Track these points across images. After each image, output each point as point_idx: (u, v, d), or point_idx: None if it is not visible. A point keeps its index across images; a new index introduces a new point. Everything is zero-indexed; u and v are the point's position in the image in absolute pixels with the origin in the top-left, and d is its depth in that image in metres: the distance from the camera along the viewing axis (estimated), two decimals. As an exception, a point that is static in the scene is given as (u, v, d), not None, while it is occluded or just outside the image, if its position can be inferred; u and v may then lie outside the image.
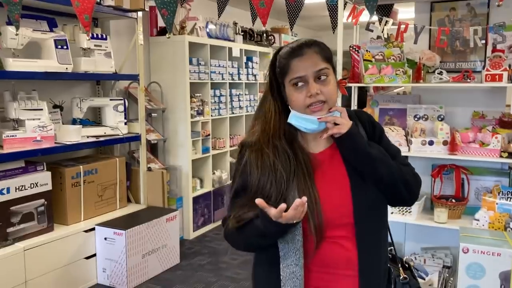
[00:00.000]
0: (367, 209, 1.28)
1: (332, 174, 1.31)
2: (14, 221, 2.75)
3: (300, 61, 1.27)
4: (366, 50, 2.81)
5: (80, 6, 1.15)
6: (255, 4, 0.94)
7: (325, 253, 1.27)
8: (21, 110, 2.86)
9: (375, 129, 1.40)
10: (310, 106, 1.26)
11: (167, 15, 1.08)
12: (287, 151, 1.30)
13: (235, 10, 5.61)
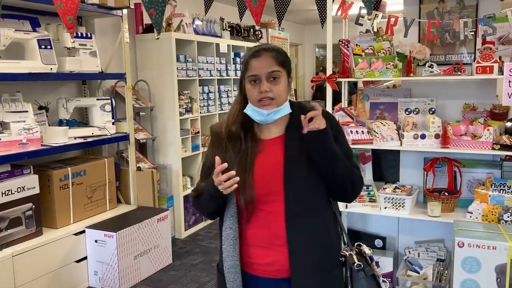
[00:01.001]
0: (297, 191, 1.48)
1: (271, 157, 1.53)
2: (1, 226, 2.69)
3: (256, 61, 1.49)
4: (356, 44, 2.79)
5: (63, 7, 1.10)
6: (248, 2, 0.90)
7: (258, 223, 1.51)
8: (5, 113, 2.79)
9: (332, 127, 1.56)
10: (260, 100, 1.49)
11: (155, 15, 1.04)
12: (239, 135, 1.55)
13: (222, 6, 5.55)
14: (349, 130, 2.67)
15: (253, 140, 1.56)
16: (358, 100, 2.99)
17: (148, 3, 1.04)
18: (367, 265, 1.54)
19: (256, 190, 1.48)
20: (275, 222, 1.49)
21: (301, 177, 1.49)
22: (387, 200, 2.66)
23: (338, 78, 2.67)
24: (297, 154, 1.50)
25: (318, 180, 1.51)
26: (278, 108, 1.50)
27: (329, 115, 1.59)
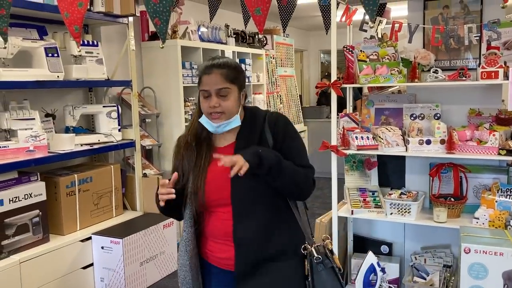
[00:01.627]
0: (244, 193, 1.60)
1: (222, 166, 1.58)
2: (9, 233, 2.71)
3: (207, 78, 1.59)
4: (360, 50, 2.79)
5: (69, 17, 1.12)
6: (251, 11, 0.91)
7: (211, 225, 1.66)
8: (13, 120, 2.82)
9: (278, 133, 1.67)
10: (210, 114, 1.60)
11: (160, 24, 1.06)
12: (193, 147, 1.67)
13: (227, 13, 5.58)
14: (354, 136, 2.67)
15: (208, 148, 1.68)
16: (363, 106, 2.99)
17: (153, 12, 1.06)
18: (326, 258, 1.66)
19: (207, 196, 1.63)
20: (226, 222, 1.63)
21: (247, 183, 1.58)
22: (393, 206, 2.66)
23: (342, 84, 2.68)
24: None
25: (263, 184, 1.61)
26: (228, 121, 1.62)
27: (276, 118, 1.71)
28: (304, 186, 1.68)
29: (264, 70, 6.13)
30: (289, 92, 7.25)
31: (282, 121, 1.72)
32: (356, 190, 2.89)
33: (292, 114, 7.28)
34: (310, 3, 5.34)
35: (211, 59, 1.66)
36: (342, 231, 3.02)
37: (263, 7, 0.86)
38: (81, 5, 1.12)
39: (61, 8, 1.17)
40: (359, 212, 2.73)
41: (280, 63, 6.95)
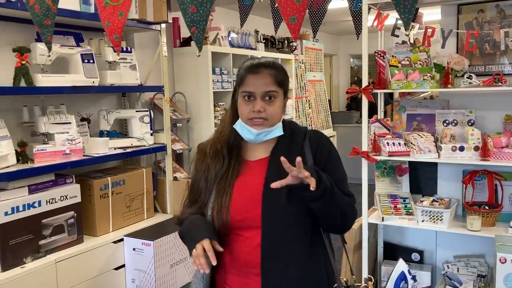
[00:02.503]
0: (276, 216, 1.39)
1: (252, 181, 1.45)
2: (46, 233, 2.80)
3: (254, 78, 1.42)
4: (392, 55, 2.77)
5: (110, 26, 1.16)
6: (286, 20, 0.93)
7: (233, 251, 1.43)
8: (50, 124, 2.92)
9: (322, 153, 1.49)
10: (252, 119, 1.42)
11: (197, 33, 1.09)
12: (224, 155, 1.48)
13: (257, 18, 5.62)
14: (385, 142, 2.65)
15: (236, 160, 1.48)
16: (394, 112, 2.96)
17: (190, 21, 1.08)
18: None
19: (232, 214, 1.41)
20: (251, 249, 1.40)
21: (280, 206, 1.38)
22: (425, 213, 2.62)
23: (374, 90, 2.66)
24: (278, 178, 1.35)
25: (300, 210, 1.39)
26: (270, 129, 1.44)
27: (319, 137, 1.53)
28: (349, 216, 1.47)
29: (293, 75, 6.13)
30: (318, 97, 7.23)
31: (326, 141, 1.55)
32: (387, 197, 2.86)
33: (321, 119, 7.25)
34: (340, 8, 5.32)
35: (255, 59, 1.48)
36: (372, 238, 2.99)
37: (298, 16, 0.87)
38: (121, 14, 1.16)
39: (102, 18, 1.21)
40: (389, 219, 2.70)
41: (309, 67, 6.94)
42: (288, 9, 0.93)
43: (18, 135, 2.86)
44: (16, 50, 2.70)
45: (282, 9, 0.94)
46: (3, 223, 2.48)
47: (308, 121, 6.79)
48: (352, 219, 1.49)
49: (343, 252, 1.63)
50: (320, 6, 2.45)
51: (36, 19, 1.30)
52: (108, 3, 1.15)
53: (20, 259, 2.60)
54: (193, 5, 1.07)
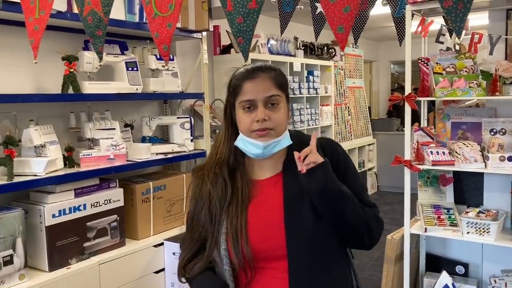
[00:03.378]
0: (303, 243, 1.22)
1: (268, 203, 1.28)
2: (90, 236, 2.88)
3: (252, 84, 1.27)
4: (436, 62, 2.71)
5: (159, 36, 1.20)
6: (333, 29, 0.93)
7: (257, 284, 1.25)
8: (96, 130, 3.01)
9: (339, 161, 1.34)
10: (256, 131, 1.26)
11: (243, 43, 1.10)
12: (225, 179, 1.30)
13: (296, 25, 5.62)
14: (429, 151, 2.59)
15: (243, 182, 1.30)
16: (438, 120, 2.88)
17: (237, 32, 1.10)
18: None
19: (252, 245, 1.23)
20: (276, 282, 1.24)
21: (307, 227, 1.23)
22: (470, 225, 2.53)
23: (417, 97, 2.61)
24: (299, 198, 1.25)
25: (328, 229, 1.25)
26: (278, 139, 1.27)
27: (334, 145, 1.39)
28: (374, 228, 1.33)
29: (332, 81, 6.09)
30: (358, 103, 7.15)
31: (341, 149, 1.40)
32: (430, 207, 2.79)
33: (360, 126, 7.16)
34: (381, 14, 5.24)
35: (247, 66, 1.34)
36: (414, 249, 2.92)
37: (346, 25, 0.87)
38: (170, 25, 1.19)
39: (151, 29, 1.25)
40: (433, 229, 2.63)
41: (349, 74, 6.88)
42: (335, 18, 0.93)
43: (65, 140, 2.97)
44: (65, 59, 2.81)
45: (329, 18, 0.94)
46: (50, 225, 2.57)
47: (348, 128, 6.72)
48: (379, 231, 1.35)
49: (384, 263, 1.58)
50: (362, 12, 2.43)
51: (89, 30, 1.35)
52: (157, 14, 1.18)
53: (65, 260, 2.69)
54: (240, 16, 1.08)
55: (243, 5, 1.09)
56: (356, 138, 6.94)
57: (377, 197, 7.01)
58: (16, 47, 2.80)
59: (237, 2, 1.10)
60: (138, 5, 3.19)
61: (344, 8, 0.88)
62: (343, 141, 6.58)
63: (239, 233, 1.23)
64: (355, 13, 0.89)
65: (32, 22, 1.41)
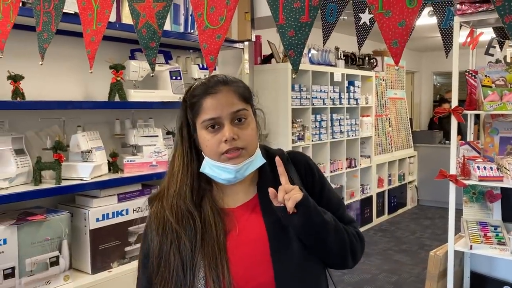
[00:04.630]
0: (293, 277, 1.09)
1: (248, 235, 1.12)
2: (131, 240, 2.94)
3: (213, 100, 1.11)
4: (485, 75, 2.63)
5: (207, 47, 1.22)
6: (388, 43, 0.92)
7: None
8: (140, 137, 3.08)
9: (314, 176, 1.21)
10: (226, 152, 1.10)
11: (294, 56, 1.11)
12: (192, 213, 1.12)
13: (337, 35, 5.59)
14: (475, 166, 2.50)
15: (214, 213, 1.13)
16: (485, 134, 2.79)
17: (288, 45, 1.11)
18: None
19: (237, 286, 1.08)
20: None
21: (295, 258, 1.10)
22: (519, 244, 2.43)
23: (464, 110, 2.54)
24: (282, 224, 1.12)
25: (313, 257, 1.15)
26: (250, 160, 1.13)
27: (306, 159, 1.25)
28: (358, 249, 1.21)
29: (373, 92, 6.02)
30: (399, 115, 7.02)
31: (312, 163, 1.27)
32: (476, 224, 2.69)
33: (401, 138, 7.02)
34: (425, 24, 5.15)
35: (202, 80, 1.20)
36: (458, 267, 2.82)
37: (400, 40, 0.86)
38: (219, 37, 1.21)
39: (200, 40, 1.27)
40: (479, 247, 2.54)
41: (390, 85, 6.77)
42: (390, 32, 0.92)
43: (110, 146, 3.05)
44: (112, 67, 2.90)
45: (383, 32, 0.93)
46: (94, 228, 2.64)
47: (388, 140, 6.60)
48: (361, 250, 1.23)
49: (426, 280, 1.53)
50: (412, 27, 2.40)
51: (143, 42, 1.40)
52: (208, 27, 1.21)
53: (107, 264, 2.76)
54: (292, 29, 1.09)
55: (295, 19, 1.10)
56: (396, 150, 6.81)
57: (417, 211, 6.84)
58: (67, 56, 2.92)
59: (289, 15, 1.10)
60: (183, 16, 3.27)
61: (400, 22, 0.87)
62: (383, 153, 6.46)
63: (220, 275, 1.06)
64: (411, 28, 0.88)
65: (89, 34, 1.47)
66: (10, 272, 2.22)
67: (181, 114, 1.21)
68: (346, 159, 5.50)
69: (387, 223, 6.31)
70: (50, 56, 2.81)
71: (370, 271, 4.47)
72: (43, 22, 1.54)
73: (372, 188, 6.12)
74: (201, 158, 1.17)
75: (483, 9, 2.26)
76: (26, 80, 2.56)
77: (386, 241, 5.46)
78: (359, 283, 4.18)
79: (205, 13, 1.24)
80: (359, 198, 5.80)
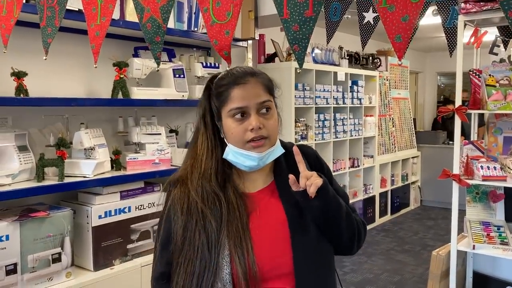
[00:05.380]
0: (309, 258, 1.16)
1: (269, 218, 1.19)
2: (133, 238, 2.94)
3: (242, 90, 1.17)
4: (489, 74, 2.62)
5: (218, 43, 1.23)
6: (391, 38, 0.92)
7: None
8: (143, 135, 3.08)
9: (323, 168, 1.29)
10: (251, 141, 1.16)
11: (299, 50, 1.11)
12: (217, 194, 1.17)
13: (341, 35, 5.58)
14: (479, 166, 2.49)
15: (237, 197, 1.19)
16: (489, 134, 2.78)
17: (292, 39, 1.11)
18: None
19: (259, 265, 1.13)
20: None
21: (312, 242, 1.17)
22: (523, 245, 2.42)
23: (468, 110, 2.53)
24: (300, 210, 1.18)
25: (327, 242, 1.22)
26: (272, 149, 1.19)
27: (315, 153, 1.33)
28: (362, 234, 1.30)
29: (376, 92, 6.01)
30: (402, 115, 7.01)
31: (320, 157, 1.35)
32: (479, 224, 2.69)
33: (404, 138, 7.01)
34: (429, 24, 5.13)
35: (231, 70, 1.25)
36: (461, 267, 2.81)
37: (404, 35, 0.86)
38: (228, 33, 1.22)
39: (210, 36, 1.27)
40: (482, 247, 2.53)
41: (394, 85, 6.76)
42: (393, 27, 0.91)
43: (113, 144, 3.05)
44: (116, 65, 2.90)
45: (387, 27, 0.93)
46: (97, 225, 2.65)
47: (391, 140, 6.59)
48: (365, 236, 1.32)
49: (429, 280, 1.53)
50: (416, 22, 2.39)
51: (148, 37, 1.40)
52: (215, 22, 1.21)
53: (110, 261, 2.76)
54: (296, 24, 1.09)
55: (299, 13, 1.09)
56: (400, 150, 6.79)
57: (420, 212, 6.82)
58: (71, 54, 2.92)
59: (293, 10, 1.10)
60: (187, 14, 3.27)
61: (403, 17, 0.87)
62: (387, 152, 6.45)
63: (245, 253, 1.12)
64: (414, 23, 0.88)
65: (94, 28, 1.47)
66: (12, 268, 2.22)
67: (204, 101, 1.25)
68: (349, 159, 5.49)
69: (390, 223, 6.30)
70: (54, 53, 2.82)
71: (373, 271, 4.46)
72: (47, 17, 1.54)
73: (375, 188, 6.11)
74: (223, 145, 1.23)
75: (487, 7, 2.25)
76: (29, 77, 2.56)
77: (388, 241, 5.45)
78: (362, 283, 4.17)
79: (211, 7, 1.24)
80: (362, 198, 5.80)
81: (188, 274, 1.16)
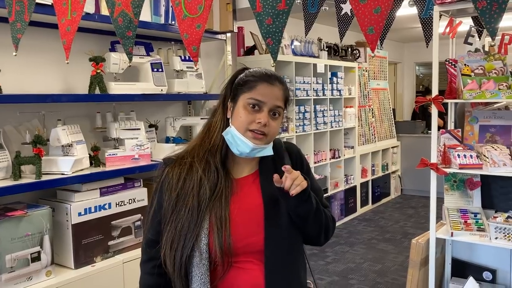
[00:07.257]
0: (278, 240, 1.30)
1: (248, 202, 1.33)
2: (115, 234, 2.92)
3: (267, 87, 1.31)
4: (464, 64, 2.66)
5: (188, 37, 1.21)
6: (364, 30, 0.92)
7: (232, 279, 1.29)
8: (121, 130, 3.05)
9: (303, 165, 1.44)
10: (253, 131, 1.29)
11: (272, 44, 1.10)
12: (218, 169, 1.32)
13: (320, 27, 5.60)
14: (456, 154, 2.54)
15: (227, 177, 1.34)
16: (465, 122, 2.83)
17: (266, 33, 1.10)
18: None
19: (234, 240, 1.27)
20: (251, 277, 1.29)
21: (283, 228, 1.31)
22: (499, 230, 2.47)
23: (444, 99, 2.56)
24: (276, 199, 1.32)
25: (295, 228, 1.36)
26: (264, 146, 1.32)
27: (298, 150, 1.47)
28: (331, 230, 1.44)
29: (356, 83, 6.05)
30: (382, 105, 7.07)
31: (302, 154, 1.49)
32: (456, 211, 2.74)
33: (384, 129, 7.08)
34: (406, 15, 5.18)
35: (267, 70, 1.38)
36: (440, 254, 2.86)
37: (376, 26, 0.86)
38: (199, 26, 1.20)
39: (181, 30, 1.26)
40: (459, 234, 2.58)
41: (373, 76, 6.81)
42: (366, 19, 0.92)
43: (92, 140, 3.02)
44: (92, 60, 2.86)
45: (359, 19, 0.93)
46: (77, 223, 2.62)
47: (371, 131, 6.65)
48: (333, 231, 1.47)
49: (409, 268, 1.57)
50: (388, 13, 2.40)
51: (119, 31, 1.37)
52: (187, 16, 1.19)
53: (91, 258, 2.73)
54: (269, 17, 1.08)
55: (272, 7, 1.09)
56: (380, 141, 6.86)
57: (400, 201, 6.92)
58: (45, 49, 2.87)
59: (266, 3, 1.10)
60: (163, 7, 3.23)
61: (375, 9, 0.87)
62: (367, 143, 6.51)
63: (223, 226, 1.26)
64: (386, 14, 0.88)
65: (64, 24, 1.44)
66: (-10, 268, 2.19)
67: (228, 85, 1.38)
68: (330, 150, 5.53)
69: (371, 212, 6.37)
70: (27, 49, 2.77)
71: (355, 260, 4.52)
72: (15, 12, 1.51)
73: (356, 178, 6.17)
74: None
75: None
76: (3, 73, 2.51)
77: (370, 231, 5.52)
78: (344, 272, 4.22)
79: (182, 1, 1.22)
80: (343, 189, 5.85)
81: (177, 230, 1.28)
